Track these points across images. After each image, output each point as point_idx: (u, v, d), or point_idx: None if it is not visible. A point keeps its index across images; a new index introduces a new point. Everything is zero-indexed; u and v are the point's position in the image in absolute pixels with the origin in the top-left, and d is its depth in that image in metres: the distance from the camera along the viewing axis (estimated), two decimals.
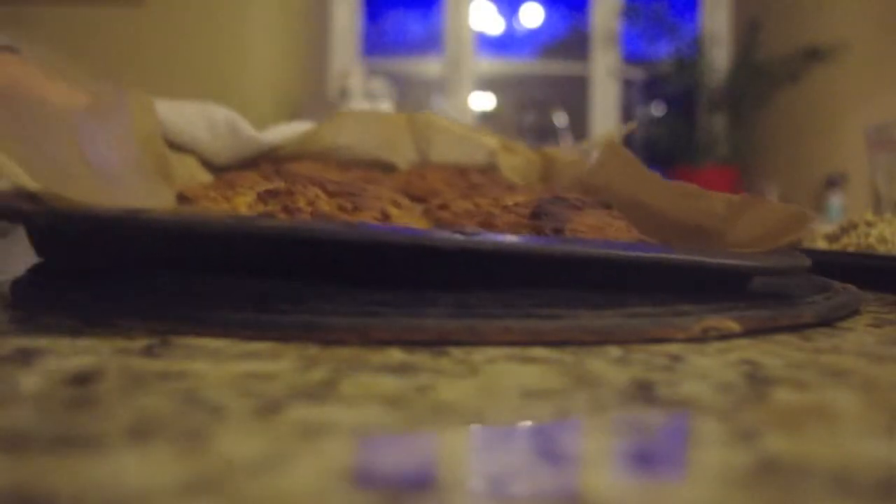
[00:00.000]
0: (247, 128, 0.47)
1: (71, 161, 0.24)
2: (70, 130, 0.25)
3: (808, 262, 0.24)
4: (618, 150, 0.38)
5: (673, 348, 0.20)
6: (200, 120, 0.44)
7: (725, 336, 0.21)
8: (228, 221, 0.20)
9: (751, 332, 0.22)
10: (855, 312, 0.26)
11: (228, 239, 0.20)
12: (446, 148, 0.50)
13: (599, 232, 0.26)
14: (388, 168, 0.48)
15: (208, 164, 0.45)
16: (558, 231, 0.25)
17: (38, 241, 0.24)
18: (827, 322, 0.24)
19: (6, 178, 0.21)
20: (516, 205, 0.29)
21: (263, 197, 0.25)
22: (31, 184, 0.22)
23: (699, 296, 0.22)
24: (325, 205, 0.25)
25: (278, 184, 0.27)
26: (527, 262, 0.22)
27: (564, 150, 0.54)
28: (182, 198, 0.26)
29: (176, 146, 0.42)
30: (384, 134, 0.49)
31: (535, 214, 0.27)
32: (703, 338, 0.21)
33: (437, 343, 0.19)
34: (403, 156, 0.49)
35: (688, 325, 0.21)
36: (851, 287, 0.28)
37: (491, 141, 0.52)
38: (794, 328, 0.23)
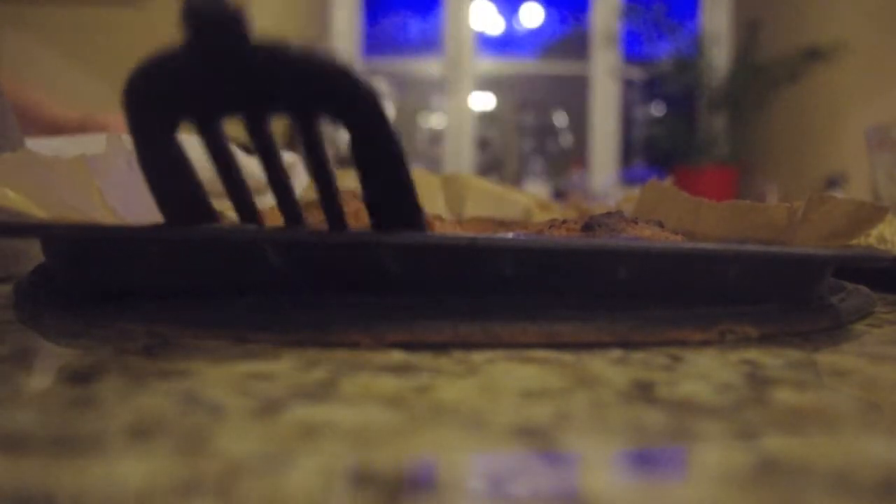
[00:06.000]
0: (252, 165, 0.46)
1: (94, 208, 0.24)
2: (90, 181, 0.25)
3: (890, 254, 0.23)
4: (658, 185, 0.37)
5: (673, 348, 0.20)
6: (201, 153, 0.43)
7: (741, 339, 0.21)
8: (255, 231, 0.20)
9: (767, 337, 0.22)
10: (869, 315, 0.26)
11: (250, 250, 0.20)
12: (480, 206, 0.50)
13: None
14: None
15: None
16: None
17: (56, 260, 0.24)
18: (843, 326, 0.24)
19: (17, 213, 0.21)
20: (565, 222, 0.28)
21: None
22: (43, 215, 0.22)
23: (713, 300, 0.22)
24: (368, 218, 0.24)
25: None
26: (554, 261, 0.21)
27: (600, 206, 0.53)
28: None
29: None
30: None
31: (588, 226, 0.27)
32: (720, 340, 0.21)
33: (443, 344, 0.19)
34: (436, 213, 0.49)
35: (704, 328, 0.21)
36: (863, 288, 0.28)
37: (525, 199, 0.51)
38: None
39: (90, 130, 0.48)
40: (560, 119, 2.59)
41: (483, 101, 2.83)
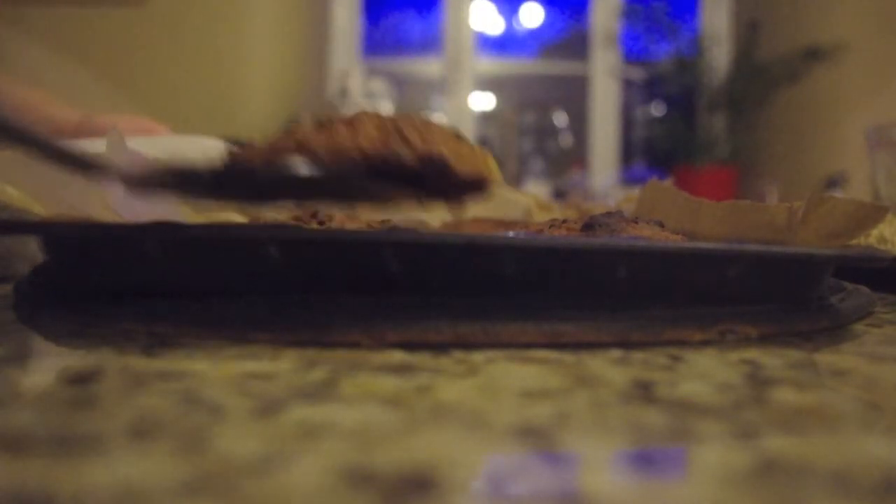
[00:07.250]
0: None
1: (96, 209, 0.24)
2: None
3: (890, 254, 0.23)
4: (658, 185, 0.38)
5: (673, 348, 0.20)
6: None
7: (741, 340, 0.21)
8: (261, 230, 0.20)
9: (767, 337, 0.21)
10: (869, 315, 0.26)
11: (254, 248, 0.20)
12: (480, 206, 0.50)
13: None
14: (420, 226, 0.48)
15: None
16: None
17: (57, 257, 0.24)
18: (843, 326, 0.24)
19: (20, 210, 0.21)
20: (565, 222, 0.28)
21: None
22: (43, 211, 0.22)
23: (713, 300, 0.22)
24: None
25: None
26: (553, 260, 0.21)
27: (600, 206, 0.53)
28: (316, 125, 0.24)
29: None
30: None
31: (588, 226, 0.26)
32: (720, 340, 0.21)
33: (443, 344, 0.19)
34: (437, 215, 0.48)
35: (704, 328, 0.21)
36: (863, 288, 0.28)
37: (525, 199, 0.51)
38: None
39: (89, 132, 0.48)
40: (560, 119, 2.58)
41: (483, 101, 2.83)
